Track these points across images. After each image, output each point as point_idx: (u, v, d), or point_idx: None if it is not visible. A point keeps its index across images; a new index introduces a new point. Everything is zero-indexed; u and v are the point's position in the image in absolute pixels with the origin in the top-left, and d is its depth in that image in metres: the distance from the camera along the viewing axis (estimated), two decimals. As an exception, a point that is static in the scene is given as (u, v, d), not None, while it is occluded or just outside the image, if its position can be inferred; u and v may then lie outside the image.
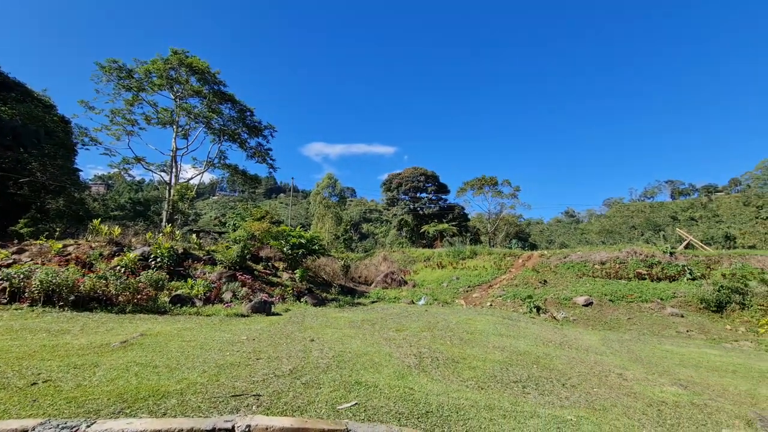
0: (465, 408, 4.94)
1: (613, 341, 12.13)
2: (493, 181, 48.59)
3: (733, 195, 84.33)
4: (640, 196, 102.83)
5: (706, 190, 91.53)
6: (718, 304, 17.50)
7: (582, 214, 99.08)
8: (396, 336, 9.68)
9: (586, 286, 21.41)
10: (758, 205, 73.08)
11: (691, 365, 9.20)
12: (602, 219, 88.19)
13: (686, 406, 5.95)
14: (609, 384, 6.89)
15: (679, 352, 10.86)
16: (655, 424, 5.19)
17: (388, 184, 57.80)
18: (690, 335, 14.89)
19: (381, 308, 16.47)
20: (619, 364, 8.63)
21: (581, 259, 24.91)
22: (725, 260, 22.14)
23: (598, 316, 17.51)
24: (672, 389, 6.81)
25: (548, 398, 5.89)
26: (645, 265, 22.61)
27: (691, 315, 17.28)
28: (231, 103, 31.34)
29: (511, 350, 8.94)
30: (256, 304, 12.64)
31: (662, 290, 19.59)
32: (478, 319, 13.65)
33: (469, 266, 28.62)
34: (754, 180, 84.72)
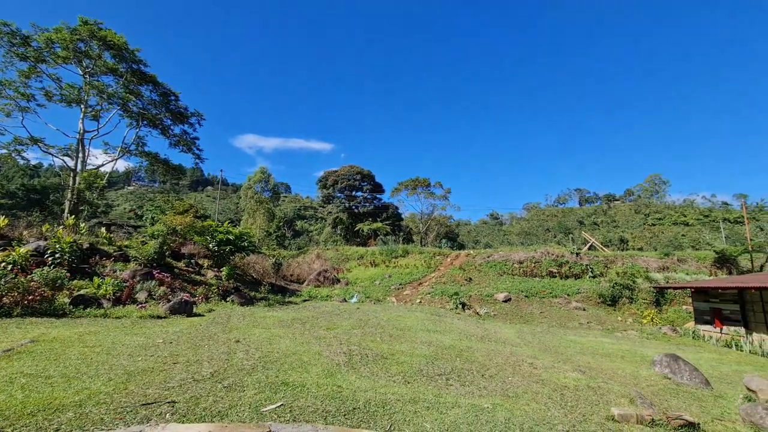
0: (391, 402, 5.08)
1: (526, 333, 13.28)
2: (426, 183, 50.40)
3: (627, 203, 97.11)
4: (554, 202, 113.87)
5: (606, 198, 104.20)
6: (612, 298, 20.04)
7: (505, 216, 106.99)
8: (326, 334, 9.62)
9: (506, 283, 23.17)
10: (646, 213, 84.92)
11: (589, 353, 10.42)
12: (522, 222, 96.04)
13: (584, 389, 6.72)
14: (522, 373, 7.54)
15: (581, 342, 12.24)
16: (558, 407, 5.79)
17: (324, 181, 57.13)
18: (590, 326, 16.86)
19: (312, 307, 16.22)
20: (531, 354, 9.48)
21: (503, 259, 26.87)
22: (619, 260, 25.42)
23: (515, 310, 19.04)
24: (573, 375, 7.65)
25: (469, 389, 6.28)
26: (556, 264, 25.09)
27: (591, 308, 19.57)
28: (152, 85, 28.51)
29: (437, 345, 9.36)
30: (176, 305, 11.72)
31: (569, 287, 21.91)
32: (408, 315, 14.07)
33: (402, 264, 29.37)
34: (643, 191, 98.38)
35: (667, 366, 7.89)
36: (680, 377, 7.60)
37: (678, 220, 76.97)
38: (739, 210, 49.74)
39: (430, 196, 51.70)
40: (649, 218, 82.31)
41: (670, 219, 78.40)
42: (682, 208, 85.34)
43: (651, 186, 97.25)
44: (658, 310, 19.20)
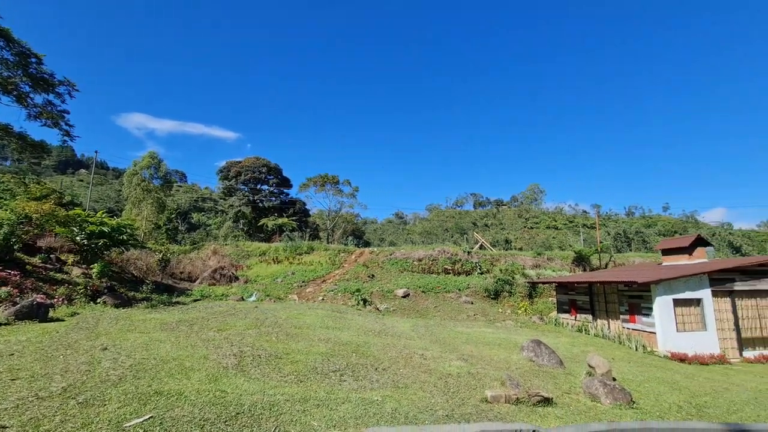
0: (279, 403, 4.93)
1: (421, 327, 14.13)
2: (334, 180, 50.31)
3: (512, 208, 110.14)
4: (453, 204, 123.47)
5: (496, 203, 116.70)
6: (496, 292, 22.45)
7: (409, 216, 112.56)
8: (216, 336, 8.95)
9: (405, 279, 24.33)
10: (526, 217, 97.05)
11: (473, 342, 11.51)
12: (424, 222, 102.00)
13: (465, 376, 7.40)
14: (413, 364, 7.99)
15: (467, 332, 13.45)
16: (442, 393, 6.27)
17: (227, 171, 52.98)
18: (476, 318, 18.65)
19: (204, 307, 14.95)
20: (423, 346, 10.11)
21: (404, 256, 28.16)
22: (503, 259, 28.61)
23: (412, 305, 20.12)
24: (457, 363, 8.37)
25: (361, 383, 6.42)
26: (450, 262, 27.18)
27: (478, 302, 21.67)
28: (5, 41, 23.18)
29: (335, 341, 9.40)
30: (24, 308, 9.74)
31: (461, 282, 23.93)
32: (308, 313, 13.87)
33: (306, 261, 28.83)
34: (525, 198, 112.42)
35: (532, 350, 9.12)
36: (542, 359, 8.85)
37: (550, 225, 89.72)
38: (594, 217, 60.04)
39: (338, 193, 51.70)
40: (528, 222, 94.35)
41: (545, 223, 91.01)
42: (553, 214, 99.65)
43: (531, 194, 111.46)
44: (531, 302, 22.11)
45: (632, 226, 75.84)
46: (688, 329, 13.53)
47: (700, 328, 13.67)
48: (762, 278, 14.83)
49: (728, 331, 13.95)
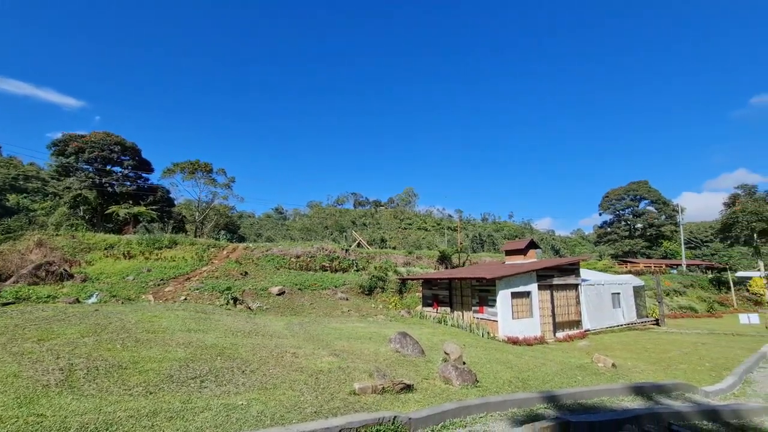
0: (120, 421, 4.27)
1: (295, 325, 13.89)
2: (207, 168, 45.61)
3: (389, 209, 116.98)
4: (334, 202, 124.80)
5: (375, 204, 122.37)
6: (370, 288, 23.49)
7: (289, 211, 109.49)
8: (36, 348, 7.24)
9: (282, 277, 23.60)
10: (401, 218, 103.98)
11: (345, 337, 11.82)
12: (305, 218, 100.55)
13: (336, 371, 7.55)
14: (284, 363, 7.81)
15: (340, 328, 13.76)
16: (312, 390, 6.28)
17: (63, 146, 42.69)
18: (350, 314, 19.20)
19: (20, 312, 11.92)
20: (295, 344, 9.97)
21: (281, 253, 27.27)
22: (378, 257, 30.11)
23: (288, 303, 19.63)
24: (329, 359, 8.49)
25: (226, 388, 6.00)
26: (328, 259, 27.40)
27: (353, 298, 22.36)
28: None
29: (198, 345, 8.57)
30: None
31: (337, 279, 24.33)
32: (166, 315, 12.31)
33: (167, 257, 25.49)
34: (400, 200, 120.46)
35: (398, 342, 9.83)
36: (406, 350, 9.62)
37: (421, 226, 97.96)
38: (457, 221, 67.95)
39: (211, 182, 47.08)
40: (403, 223, 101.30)
41: (417, 224, 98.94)
42: (424, 216, 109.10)
43: (406, 197, 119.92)
44: (401, 297, 23.80)
45: (486, 230, 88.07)
46: (521, 317, 16.39)
47: (529, 315, 16.69)
48: (570, 275, 18.89)
49: (547, 317, 17.36)
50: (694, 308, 29.02)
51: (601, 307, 20.20)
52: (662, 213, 69.28)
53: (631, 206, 72.78)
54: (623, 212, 74.05)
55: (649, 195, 71.11)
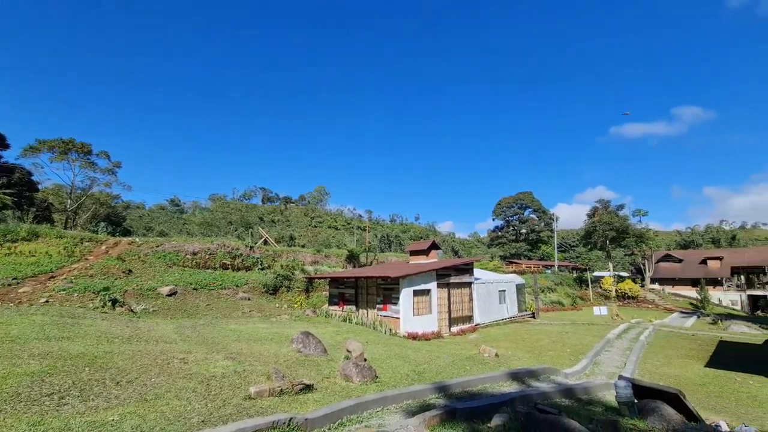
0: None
1: (187, 328, 12.73)
2: (85, 149, 38.94)
3: (300, 207, 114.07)
4: (240, 196, 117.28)
5: (285, 200, 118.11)
6: (275, 288, 22.64)
7: (188, 204, 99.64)
8: None
9: (174, 275, 21.40)
10: (312, 216, 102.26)
11: (245, 339, 11.22)
12: (205, 212, 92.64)
13: (231, 375, 7.13)
14: (169, 371, 7.10)
15: (240, 330, 13.01)
16: (201, 398, 5.82)
17: None
18: (251, 314, 18.25)
19: None
20: (186, 349, 9.13)
21: (175, 249, 24.72)
22: (285, 255, 29.16)
23: (180, 304, 17.88)
24: (224, 363, 7.97)
25: (93, 403, 5.24)
26: (230, 256, 25.67)
27: (256, 298, 21.30)
28: None
29: (59, 356, 7.32)
30: None
31: (239, 278, 22.93)
32: (17, 321, 10.28)
33: (24, 251, 21.20)
34: (312, 198, 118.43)
35: (301, 342, 9.67)
36: (309, 349, 9.51)
37: (332, 225, 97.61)
38: (366, 221, 69.30)
39: (89, 166, 40.45)
40: (313, 221, 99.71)
41: (327, 223, 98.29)
42: (335, 215, 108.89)
43: (318, 195, 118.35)
44: (307, 296, 23.41)
45: (393, 231, 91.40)
46: (421, 313, 17.38)
47: (428, 312, 17.78)
48: (466, 274, 20.63)
49: (444, 313, 18.70)
50: (561, 303, 34.01)
51: (490, 303, 22.47)
52: (542, 220, 79.82)
53: (518, 214, 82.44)
54: (512, 219, 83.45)
55: (533, 204, 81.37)
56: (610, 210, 46.92)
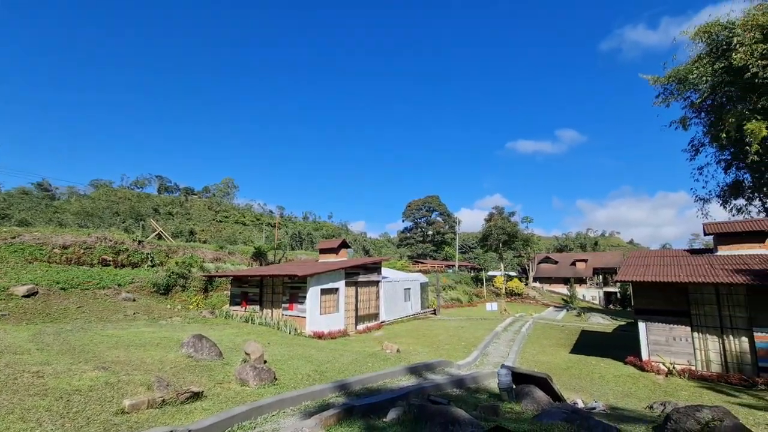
0: None
1: (48, 335, 10.79)
2: None
3: (203, 199, 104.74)
4: (131, 184, 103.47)
5: (186, 191, 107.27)
6: (167, 287, 20.46)
7: (62, 189, 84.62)
8: None
9: (36, 272, 18.00)
10: (217, 210, 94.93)
11: (124, 345, 9.90)
12: (85, 199, 79.80)
13: (101, 388, 6.21)
14: (16, 387, 5.92)
15: (118, 335, 11.44)
16: (58, 417, 4.97)
17: None
18: (136, 317, 16.20)
19: None
20: (43, 360, 7.73)
21: (38, 241, 20.79)
22: (182, 251, 26.53)
23: (41, 307, 15.08)
24: (93, 374, 6.92)
25: None
26: (113, 251, 22.48)
27: (143, 298, 18.98)
28: None
29: None
30: None
31: (123, 276, 20.20)
32: None
33: None
34: (218, 191, 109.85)
35: (192, 346, 8.87)
36: (201, 354, 8.76)
37: (239, 220, 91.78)
38: (277, 217, 66.66)
39: None
40: (218, 215, 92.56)
41: (234, 218, 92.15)
42: (243, 210, 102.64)
43: (225, 187, 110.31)
44: (206, 296, 21.61)
45: (305, 228, 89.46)
46: (328, 312, 17.27)
47: (335, 310, 17.76)
48: (374, 273, 21.09)
49: (351, 311, 18.86)
50: (460, 300, 36.82)
51: (395, 301, 23.31)
52: (447, 223, 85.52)
53: (426, 216, 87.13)
54: (420, 221, 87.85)
55: (439, 208, 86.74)
56: (504, 216, 52.26)
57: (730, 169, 24.17)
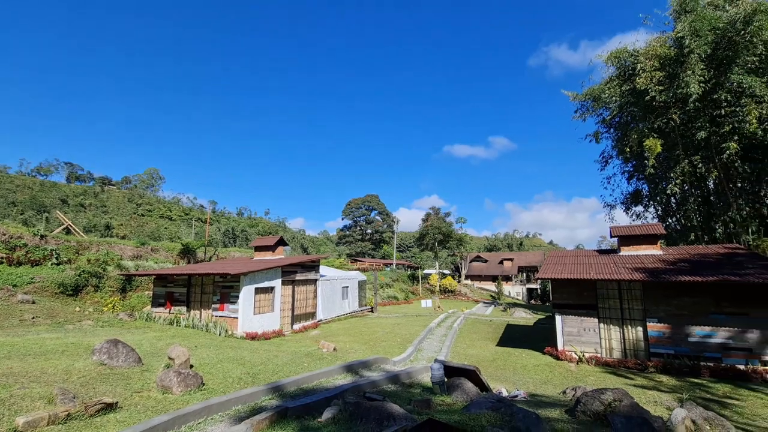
0: None
1: None
2: None
3: (123, 190, 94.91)
4: (32, 171, 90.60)
5: (101, 181, 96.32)
6: (76, 287, 18.29)
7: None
8: None
9: None
10: (138, 203, 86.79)
11: (19, 355, 8.67)
12: (-31, 186, 68.53)
13: (-13, 405, 5.38)
14: None
15: (12, 342, 9.99)
16: (-71, 442, 4.21)
17: None
18: (36, 321, 14.26)
19: None
20: None
21: None
22: (95, 246, 23.85)
23: None
24: (-23, 389, 5.97)
25: None
26: (7, 247, 19.55)
27: (45, 300, 16.76)
28: None
29: None
30: None
31: (20, 275, 17.67)
32: None
33: None
34: (140, 182, 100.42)
35: (105, 352, 8.03)
36: (116, 361, 7.97)
37: (165, 214, 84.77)
38: (209, 212, 62.65)
39: None
40: (140, 208, 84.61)
41: (159, 212, 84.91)
42: (170, 204, 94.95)
43: (149, 178, 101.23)
44: (123, 297, 19.67)
45: (240, 224, 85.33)
46: (262, 312, 16.66)
47: (270, 310, 17.18)
48: (312, 271, 20.76)
49: (287, 310, 18.38)
50: (397, 297, 37.60)
51: (333, 299, 23.15)
52: (385, 222, 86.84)
53: (365, 215, 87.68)
54: (359, 219, 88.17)
55: (379, 207, 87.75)
56: (440, 217, 54.36)
57: (632, 179, 27.56)
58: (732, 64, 18.93)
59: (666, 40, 21.45)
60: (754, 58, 18.71)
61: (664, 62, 20.52)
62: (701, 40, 18.59)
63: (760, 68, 18.96)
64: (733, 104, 19.25)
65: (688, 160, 21.48)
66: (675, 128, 21.60)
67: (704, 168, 21.39)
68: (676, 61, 20.07)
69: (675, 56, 20.11)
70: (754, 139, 19.17)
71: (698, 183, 23.34)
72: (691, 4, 20.11)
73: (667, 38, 21.54)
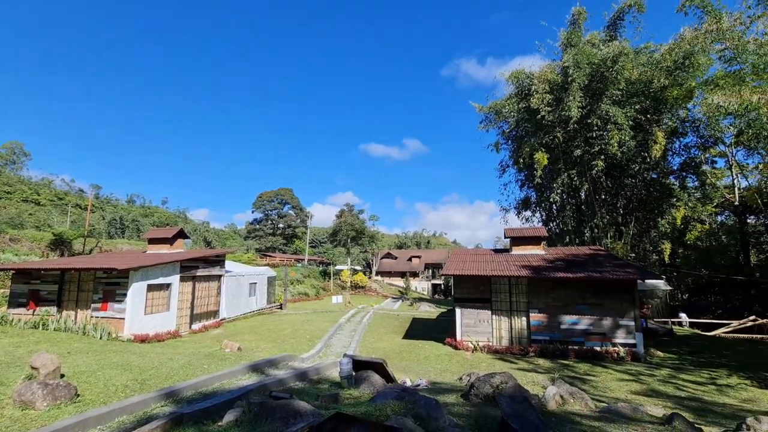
0: None
1: None
2: None
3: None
4: None
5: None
6: None
7: None
8: None
9: None
10: None
11: None
12: None
13: None
14: None
15: None
16: None
17: None
18: None
19: None
20: None
21: None
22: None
23: None
24: None
25: None
26: None
27: None
28: None
29: None
30: None
31: None
32: None
33: None
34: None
35: (-60, 366, 6.51)
36: (-44, 375, 6.51)
37: (30, 198, 70.97)
38: (90, 197, 54.11)
39: None
40: None
41: (22, 195, 70.74)
42: (37, 185, 79.75)
43: (9, 154, 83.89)
44: (-34, 296, 16.04)
45: (130, 213, 75.51)
46: (156, 311, 15.06)
47: (165, 309, 15.62)
48: (216, 266, 19.38)
49: (186, 309, 16.89)
50: (307, 293, 37.05)
51: (239, 296, 21.90)
52: (299, 217, 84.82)
53: (278, 208, 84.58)
54: (271, 213, 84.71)
55: (292, 201, 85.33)
56: (354, 213, 54.91)
57: (523, 187, 31.14)
58: (603, 95, 22.59)
59: (555, 68, 24.70)
60: (618, 91, 22.61)
61: (553, 87, 23.66)
62: (581, 72, 21.82)
63: (622, 100, 22.99)
64: (601, 129, 22.99)
65: (567, 174, 25.07)
66: (558, 145, 25.02)
67: (578, 181, 25.18)
68: (562, 87, 23.28)
69: (561, 83, 23.31)
70: (615, 159, 23.16)
71: (574, 193, 27.37)
72: (575, 40, 23.48)
73: (556, 66, 24.82)
